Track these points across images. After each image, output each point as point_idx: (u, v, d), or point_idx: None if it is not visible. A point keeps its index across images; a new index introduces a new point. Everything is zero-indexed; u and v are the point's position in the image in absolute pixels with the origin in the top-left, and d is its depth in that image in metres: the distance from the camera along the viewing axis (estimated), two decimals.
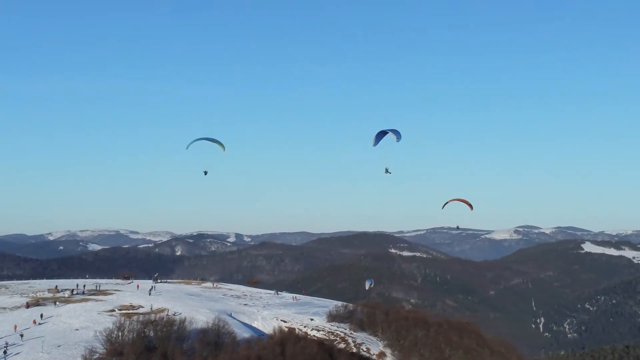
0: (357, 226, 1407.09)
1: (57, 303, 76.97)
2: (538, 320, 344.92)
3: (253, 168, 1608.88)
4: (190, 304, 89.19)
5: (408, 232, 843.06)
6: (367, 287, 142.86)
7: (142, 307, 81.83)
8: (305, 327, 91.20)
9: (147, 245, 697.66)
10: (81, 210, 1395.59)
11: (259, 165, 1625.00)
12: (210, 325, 69.04)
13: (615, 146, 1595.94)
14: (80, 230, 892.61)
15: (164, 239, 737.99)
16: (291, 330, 68.07)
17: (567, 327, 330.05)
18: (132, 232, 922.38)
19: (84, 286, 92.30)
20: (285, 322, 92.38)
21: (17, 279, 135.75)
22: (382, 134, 54.61)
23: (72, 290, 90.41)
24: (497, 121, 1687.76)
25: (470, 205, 64.70)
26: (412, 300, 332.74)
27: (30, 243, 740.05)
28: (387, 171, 56.12)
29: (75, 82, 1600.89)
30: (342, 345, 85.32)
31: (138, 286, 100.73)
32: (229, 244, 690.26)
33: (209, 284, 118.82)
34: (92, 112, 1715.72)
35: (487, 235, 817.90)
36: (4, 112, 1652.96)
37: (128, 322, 61.33)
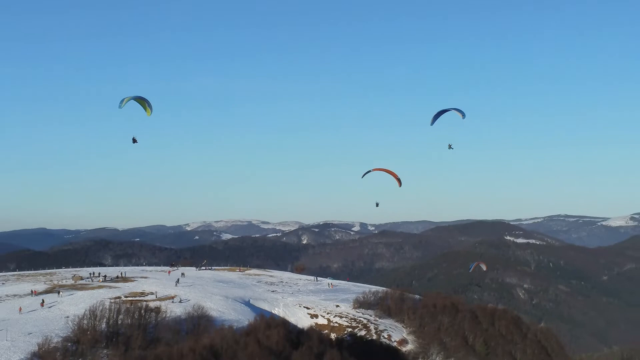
0: (476, 214, 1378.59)
1: (61, 292, 76.92)
2: None
3: (383, 157, 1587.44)
4: (211, 290, 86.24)
5: (526, 219, 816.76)
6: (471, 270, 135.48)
7: (153, 294, 79.87)
8: (328, 313, 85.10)
9: (275, 234, 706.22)
10: (217, 202, 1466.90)
11: (388, 153, 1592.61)
12: (187, 312, 65.27)
13: None
14: (215, 221, 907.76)
15: (292, 229, 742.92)
16: (269, 320, 61.82)
17: None
18: (263, 222, 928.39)
19: (99, 274, 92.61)
20: (308, 308, 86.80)
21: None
22: (441, 113, 54.43)
23: (103, 277, 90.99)
24: (613, 103, 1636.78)
25: (399, 180, 58.31)
26: (525, 286, 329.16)
27: (169, 233, 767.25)
28: (450, 147, 56.05)
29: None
30: (362, 332, 78.17)
31: (169, 272, 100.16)
32: (352, 233, 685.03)
33: (251, 271, 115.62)
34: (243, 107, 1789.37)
35: (604, 222, 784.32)
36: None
37: (100, 309, 59.20)
